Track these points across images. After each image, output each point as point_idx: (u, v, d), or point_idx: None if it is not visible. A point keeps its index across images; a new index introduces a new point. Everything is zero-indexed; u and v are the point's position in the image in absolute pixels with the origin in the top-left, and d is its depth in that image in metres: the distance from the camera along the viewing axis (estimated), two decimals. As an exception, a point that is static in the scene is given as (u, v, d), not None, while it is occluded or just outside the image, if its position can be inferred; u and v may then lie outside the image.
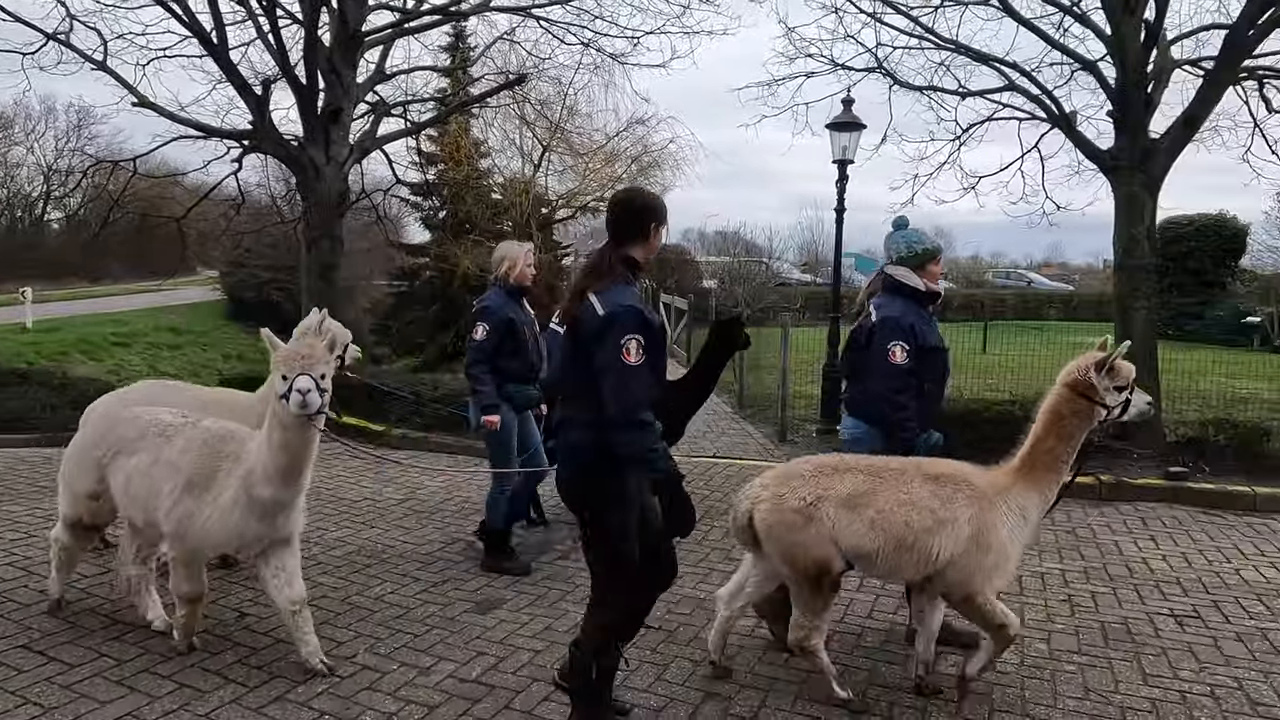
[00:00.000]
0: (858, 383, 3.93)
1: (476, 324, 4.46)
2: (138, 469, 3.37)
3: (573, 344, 2.83)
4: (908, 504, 3.12)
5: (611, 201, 2.96)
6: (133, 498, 3.41)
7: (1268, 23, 6.69)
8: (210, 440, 3.32)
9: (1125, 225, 7.11)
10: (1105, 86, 7.31)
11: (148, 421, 3.48)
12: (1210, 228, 17.90)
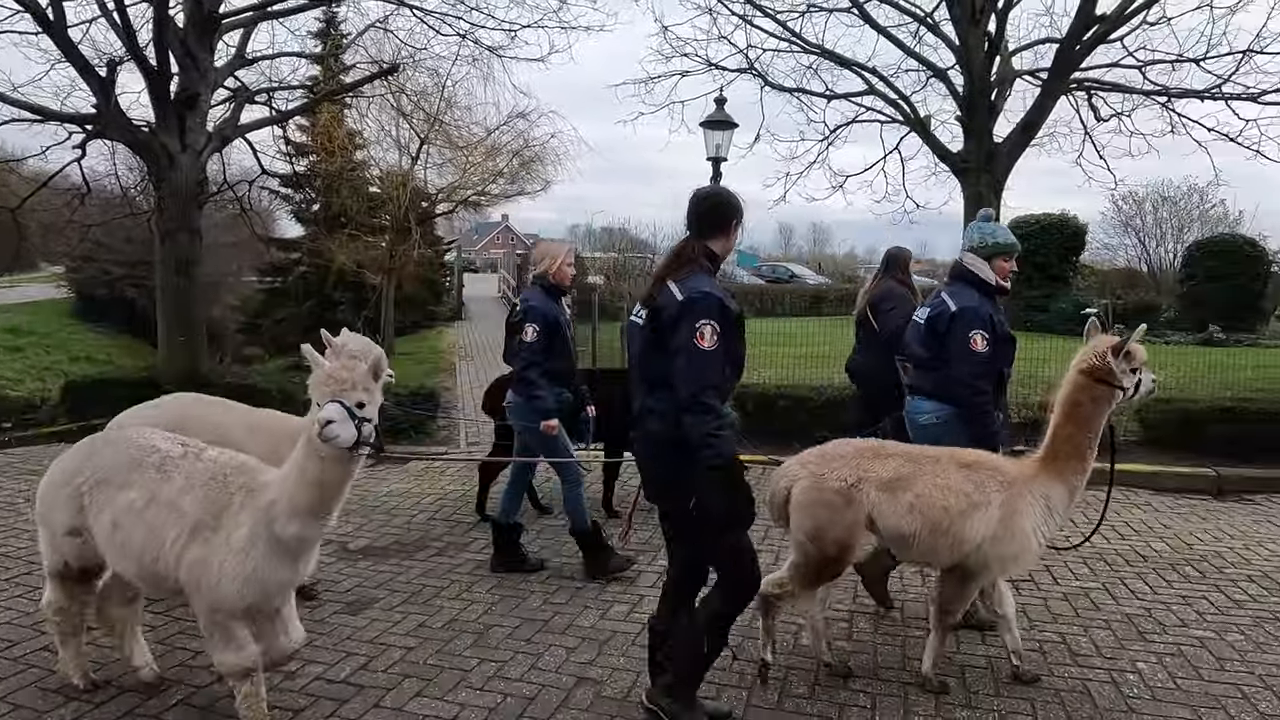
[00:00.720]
0: (935, 369, 3.93)
1: (525, 325, 4.32)
2: (129, 509, 2.80)
3: (653, 331, 2.82)
4: (945, 489, 3.15)
5: (696, 197, 2.99)
6: (122, 546, 2.82)
7: (1092, 39, 7.36)
8: (217, 474, 2.81)
9: (973, 223, 7.65)
10: (955, 93, 7.84)
11: (142, 448, 2.90)
12: (1054, 226, 19.39)
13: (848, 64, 8.46)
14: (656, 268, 2.98)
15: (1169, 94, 8.02)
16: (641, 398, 2.94)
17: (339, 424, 2.54)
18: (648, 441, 2.93)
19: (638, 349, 2.95)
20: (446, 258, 26.25)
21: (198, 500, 2.75)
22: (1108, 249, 30.82)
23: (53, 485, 2.98)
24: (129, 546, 2.79)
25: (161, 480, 2.80)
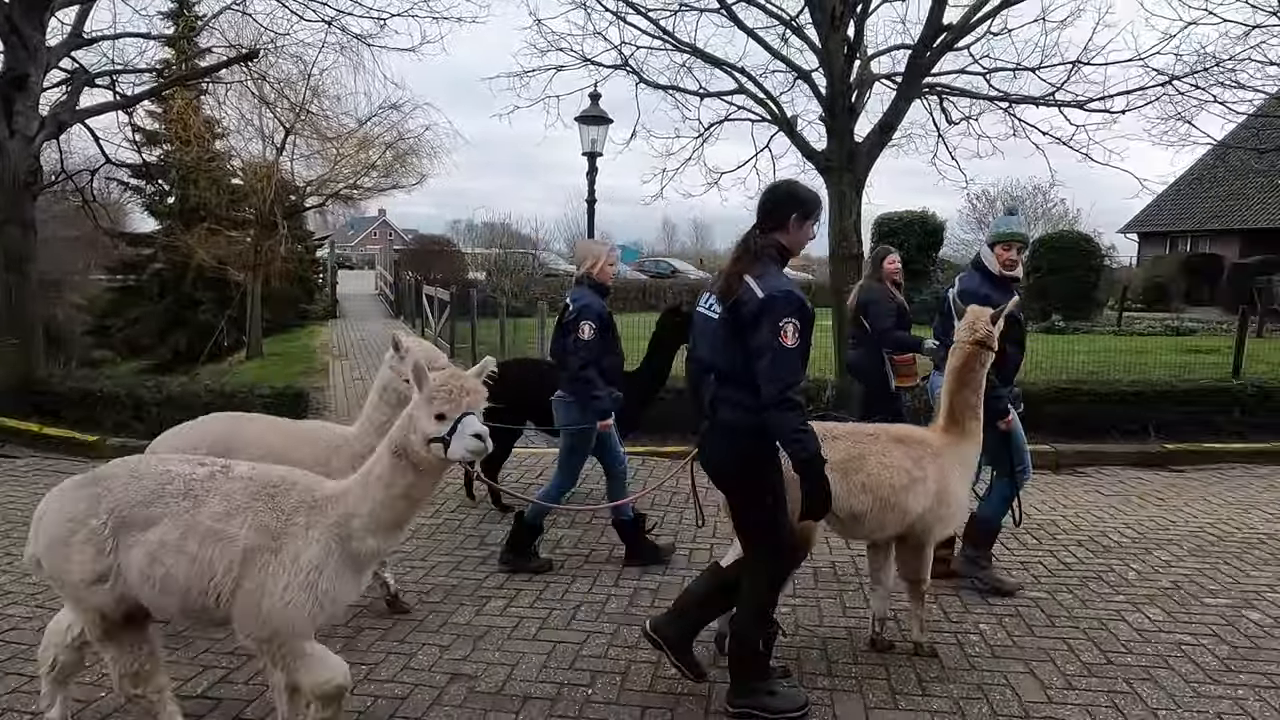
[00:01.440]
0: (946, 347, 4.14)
1: (580, 323, 4.30)
2: (163, 545, 2.50)
3: (732, 325, 2.86)
4: (889, 467, 3.38)
5: (766, 191, 3.06)
6: (162, 583, 2.51)
7: (941, 46, 7.84)
8: (261, 492, 2.58)
9: (837, 220, 8.02)
10: (818, 95, 8.17)
11: (158, 477, 2.61)
12: (915, 222, 20.57)
13: (719, 64, 8.67)
14: (728, 261, 3.01)
15: (1010, 100, 8.64)
16: (712, 388, 2.97)
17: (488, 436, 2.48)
18: (720, 431, 2.97)
19: (709, 340, 2.98)
20: (319, 254, 25.18)
21: (247, 523, 2.51)
22: (964, 244, 32.93)
23: (57, 539, 2.57)
24: (171, 582, 2.51)
25: (194, 507, 2.54)
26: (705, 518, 3.77)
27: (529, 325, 10.73)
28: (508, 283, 22.06)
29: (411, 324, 19.40)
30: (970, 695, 3.23)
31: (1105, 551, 4.95)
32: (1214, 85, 10.32)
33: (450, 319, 13.84)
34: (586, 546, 4.91)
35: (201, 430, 3.65)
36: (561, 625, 3.84)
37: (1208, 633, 3.83)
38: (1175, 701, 3.21)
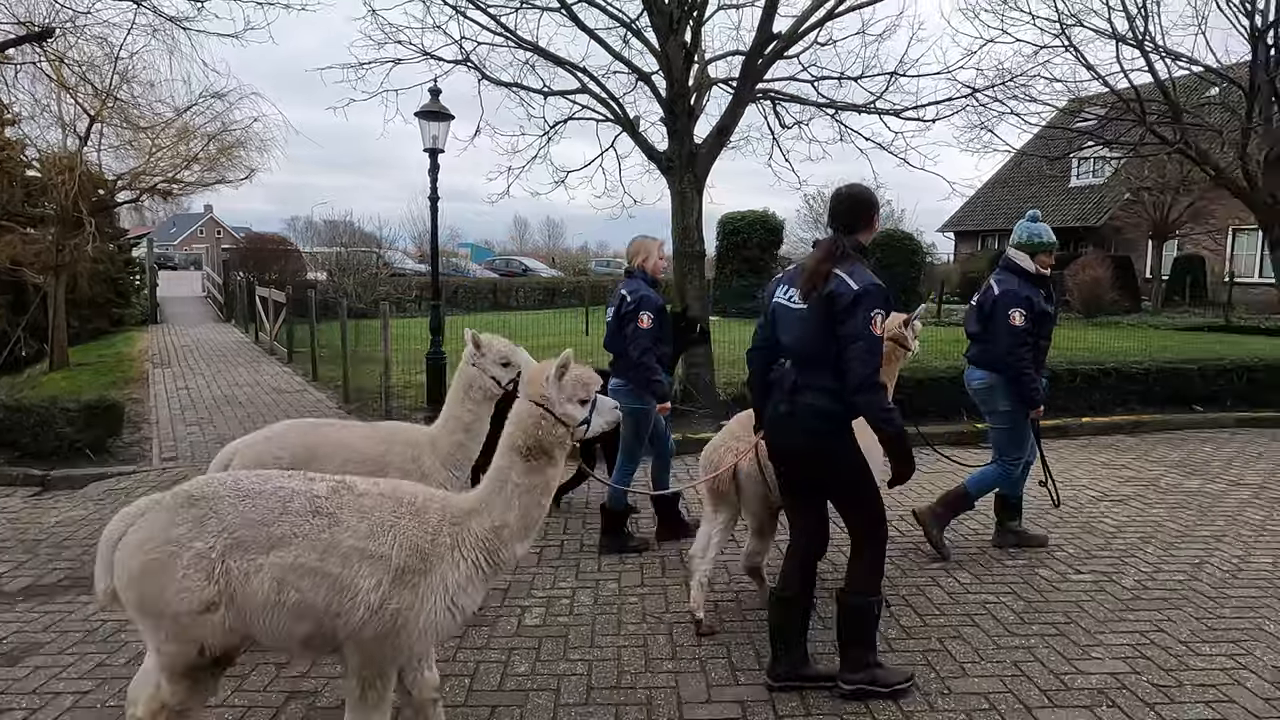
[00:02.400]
0: (980, 342, 4.80)
1: (640, 313, 4.57)
2: (296, 567, 2.32)
3: (823, 315, 3.05)
4: None
5: (836, 197, 3.29)
6: (297, 608, 2.33)
7: (772, 54, 8.23)
8: (403, 508, 2.47)
9: (680, 218, 8.26)
10: (659, 97, 8.38)
11: (276, 495, 2.42)
12: (757, 221, 21.51)
13: (561, 63, 8.70)
14: (811, 260, 3.20)
15: (836, 106, 9.19)
16: (793, 375, 3.19)
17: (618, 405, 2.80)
18: (804, 414, 3.15)
19: (793, 330, 3.18)
20: (135, 253, 23.10)
21: (397, 543, 2.41)
22: (803, 242, 34.69)
23: (152, 566, 2.30)
24: (306, 608, 2.34)
25: (330, 525, 2.39)
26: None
27: (373, 327, 10.35)
28: (350, 283, 21.15)
29: (244, 328, 18.22)
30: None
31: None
32: (1011, 98, 11.42)
33: (287, 322, 13.13)
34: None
35: (280, 439, 3.50)
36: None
37: (1007, 590, 4.28)
38: (979, 655, 3.56)
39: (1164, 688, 3.29)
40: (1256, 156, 11.07)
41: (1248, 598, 4.21)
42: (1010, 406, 4.72)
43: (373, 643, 2.39)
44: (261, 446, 3.45)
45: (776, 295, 3.31)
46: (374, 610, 2.35)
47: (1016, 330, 4.57)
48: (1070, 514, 5.58)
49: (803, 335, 3.15)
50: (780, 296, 3.28)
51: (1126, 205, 26.20)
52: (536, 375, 2.65)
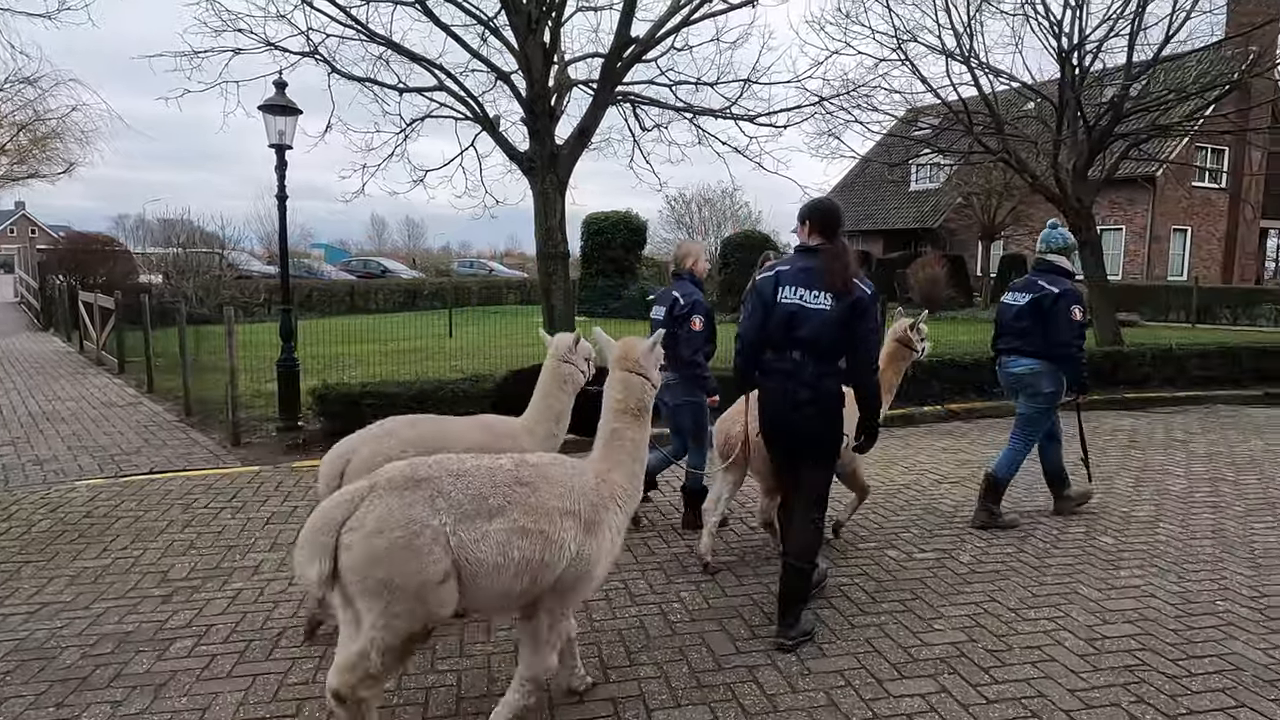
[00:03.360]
0: (1027, 335, 5.31)
1: (693, 316, 4.98)
2: (517, 530, 2.68)
3: (847, 314, 3.57)
4: None
5: (825, 208, 3.80)
6: (519, 566, 2.69)
7: (630, 57, 8.35)
8: (569, 470, 2.92)
9: (543, 219, 8.23)
10: (519, 97, 8.31)
11: (483, 469, 2.76)
12: (621, 222, 21.72)
13: (417, 59, 8.47)
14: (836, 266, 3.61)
15: (694, 111, 9.45)
16: (812, 365, 3.65)
17: None
18: (823, 398, 3.66)
19: (816, 326, 3.61)
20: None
21: (580, 500, 2.85)
22: (666, 242, 35.34)
23: (400, 545, 2.52)
24: (526, 562, 2.70)
25: (533, 491, 2.77)
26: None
27: (217, 333, 9.69)
28: (190, 286, 19.72)
29: (66, 336, 16.63)
30: (672, 659, 3.52)
31: (783, 514, 5.62)
32: (855, 107, 12.08)
33: (116, 329, 12.08)
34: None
35: (394, 435, 3.67)
36: (262, 657, 3.56)
37: (860, 573, 4.53)
38: (835, 635, 3.76)
39: (997, 652, 3.59)
40: (1066, 165, 12.26)
41: (1065, 564, 4.66)
42: (1053, 389, 5.31)
43: (569, 586, 2.85)
44: (375, 444, 3.61)
45: (785, 296, 3.67)
46: (574, 558, 2.80)
47: (1077, 324, 5.20)
48: (914, 497, 5.98)
49: (825, 331, 3.61)
50: (792, 297, 3.65)
51: (959, 209, 28.34)
52: (631, 351, 3.18)
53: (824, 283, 3.61)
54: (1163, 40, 11.49)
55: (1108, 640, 3.71)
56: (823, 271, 3.62)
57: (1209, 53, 12.93)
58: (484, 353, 11.62)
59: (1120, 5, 11.46)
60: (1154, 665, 3.48)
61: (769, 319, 3.71)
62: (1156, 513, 5.68)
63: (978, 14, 12.04)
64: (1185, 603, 4.14)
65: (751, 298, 3.86)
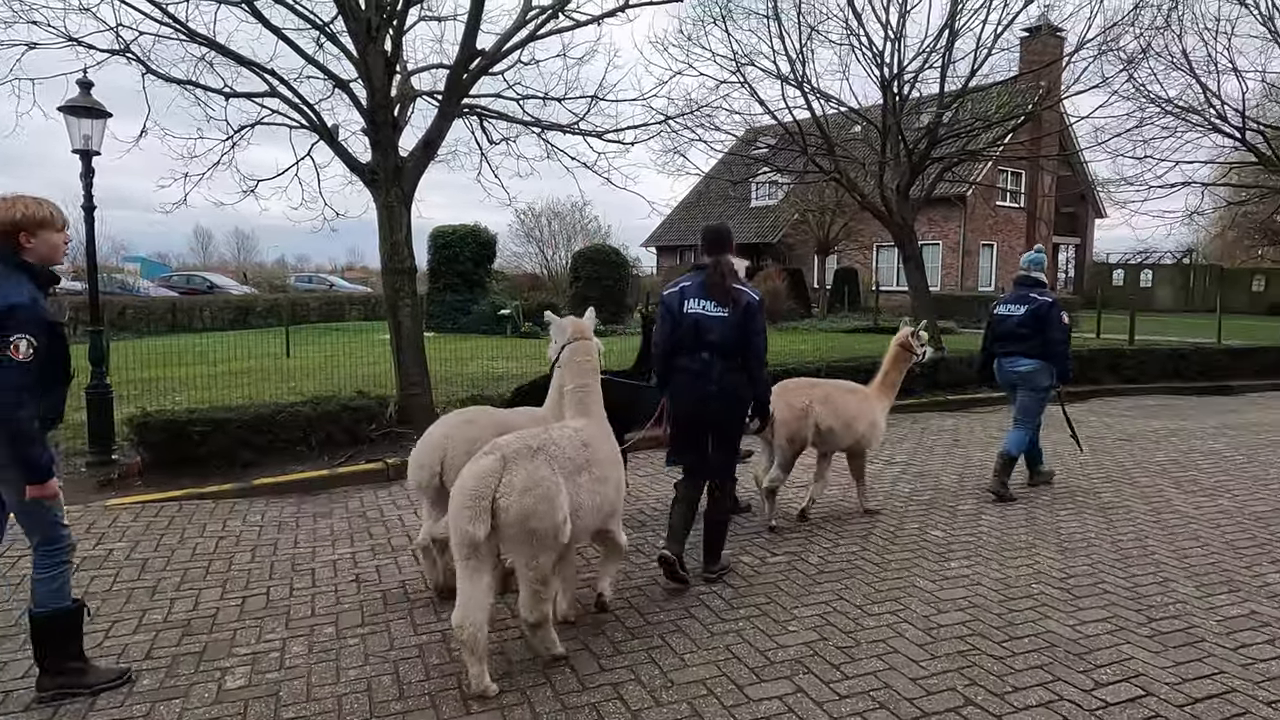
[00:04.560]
0: (1028, 340, 6.40)
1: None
2: (598, 479, 3.64)
3: (740, 318, 4.32)
4: (847, 404, 5.68)
5: (715, 230, 4.61)
6: (601, 505, 3.68)
7: (477, 70, 8.21)
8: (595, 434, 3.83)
9: (388, 233, 7.92)
10: (359, 106, 7.97)
11: (567, 439, 3.60)
12: (469, 235, 21.28)
13: (245, 62, 7.93)
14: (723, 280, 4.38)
15: (542, 126, 9.41)
16: (719, 365, 4.36)
17: None
18: (729, 391, 4.40)
19: (719, 331, 4.34)
20: None
21: (612, 450, 3.87)
22: (516, 256, 35.03)
23: (545, 497, 3.27)
24: (605, 501, 3.70)
25: (593, 451, 3.66)
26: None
27: (10, 358, 8.61)
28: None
29: None
30: (535, 683, 3.45)
31: (641, 527, 5.68)
32: (699, 126, 12.47)
33: None
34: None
35: (483, 420, 4.38)
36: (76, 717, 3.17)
37: (716, 579, 4.64)
38: (696, 644, 3.82)
39: (846, 649, 3.77)
40: (890, 185, 13.20)
41: (903, 560, 4.98)
42: (1049, 382, 6.46)
43: (620, 513, 3.96)
44: (465, 430, 4.26)
45: (689, 307, 4.40)
46: (621, 496, 3.93)
47: (1067, 327, 6.44)
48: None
49: (728, 334, 4.34)
50: (695, 307, 4.39)
51: (796, 225, 29.86)
52: (583, 324, 4.08)
53: (711, 293, 4.36)
54: (969, 74, 12.65)
55: (942, 629, 3.99)
56: (709, 285, 4.38)
57: (1007, 86, 14.36)
58: (325, 372, 11.02)
59: (932, 40, 12.52)
60: (982, 648, 3.77)
61: (678, 328, 4.42)
62: (978, 506, 6.19)
63: (809, 42, 12.80)
64: (1006, 588, 4.53)
65: (661, 311, 4.53)
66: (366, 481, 6.96)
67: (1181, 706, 3.26)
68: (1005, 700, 3.31)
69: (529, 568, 3.31)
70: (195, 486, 6.45)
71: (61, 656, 3.34)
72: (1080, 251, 35.42)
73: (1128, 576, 4.70)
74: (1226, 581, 4.63)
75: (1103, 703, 3.29)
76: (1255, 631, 3.96)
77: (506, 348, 15.06)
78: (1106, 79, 12.97)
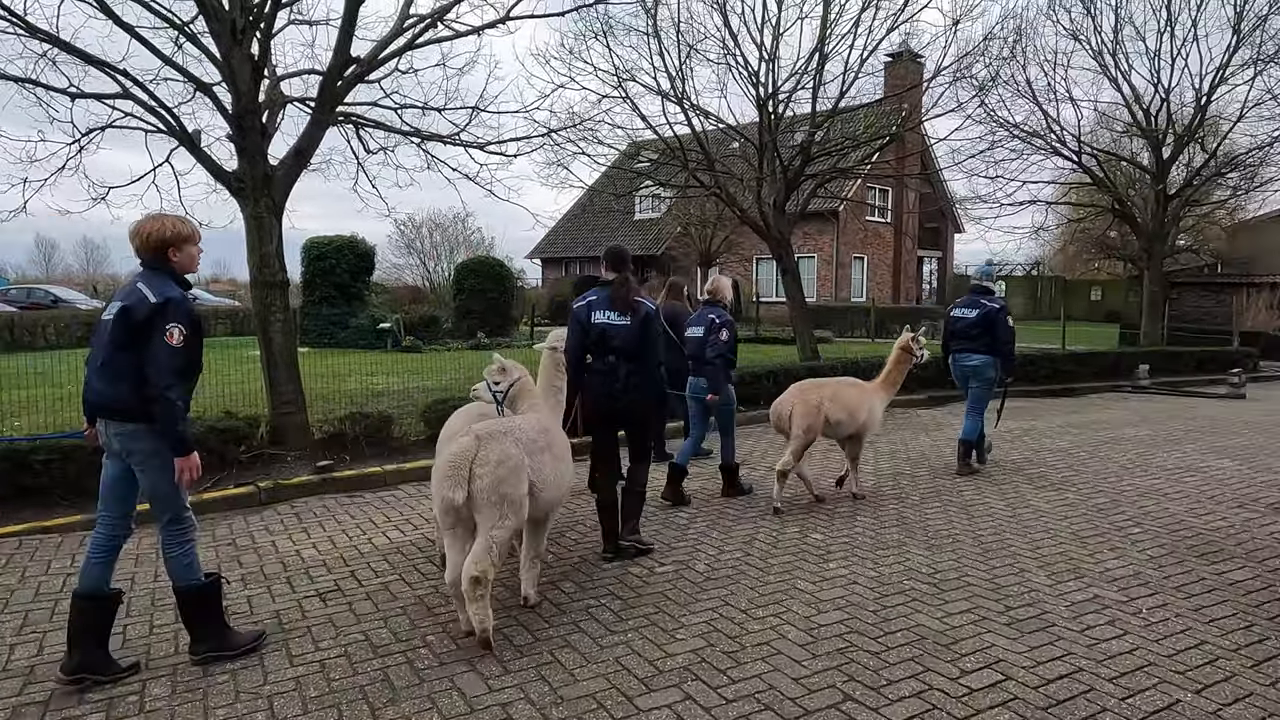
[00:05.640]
0: (979, 339, 7.56)
1: (722, 329, 6.64)
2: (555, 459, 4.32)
3: (640, 325, 5.03)
4: (851, 397, 6.54)
5: (615, 251, 5.25)
6: (558, 479, 4.33)
7: (352, 77, 7.96)
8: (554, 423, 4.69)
9: (257, 245, 7.55)
10: (224, 111, 7.57)
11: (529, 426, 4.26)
12: (346, 247, 20.51)
13: (94, 61, 7.36)
14: (625, 294, 5.07)
15: (421, 136, 9.20)
16: (627, 368, 5.03)
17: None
18: (636, 391, 5.06)
19: (624, 337, 5.01)
20: None
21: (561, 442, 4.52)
22: (396, 268, 34.04)
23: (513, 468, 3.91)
24: (560, 476, 4.37)
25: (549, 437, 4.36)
26: None
27: None
28: None
29: None
30: (421, 709, 3.35)
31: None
32: (581, 139, 12.54)
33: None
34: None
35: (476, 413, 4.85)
36: None
37: (606, 592, 4.66)
38: (586, 658, 3.82)
39: (732, 653, 3.86)
40: (767, 200, 13.67)
41: (785, 563, 5.14)
42: (995, 375, 7.63)
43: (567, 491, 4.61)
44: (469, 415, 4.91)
45: (595, 318, 5.06)
46: (569, 475, 4.52)
47: (1012, 329, 7.59)
48: (653, 513, 6.26)
49: (629, 340, 5.02)
50: (601, 318, 5.05)
51: (679, 237, 30.41)
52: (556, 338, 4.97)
53: (615, 305, 5.04)
54: (839, 95, 13.28)
55: (822, 628, 4.15)
56: (613, 297, 5.06)
57: (873, 108, 15.16)
58: (189, 392, 10.33)
59: (804, 62, 13.08)
60: (859, 645, 3.95)
61: (587, 336, 5.08)
62: (854, 507, 6.48)
63: (688, 60, 13.10)
64: (880, 585, 4.76)
65: (572, 322, 5.12)
66: (236, 507, 6.58)
67: (1036, 688, 3.51)
68: (881, 693, 3.47)
69: (489, 532, 3.78)
70: (38, 520, 5.92)
71: (205, 624, 3.86)
72: (942, 264, 37.72)
73: (988, 569, 5.04)
74: (1074, 569, 5.03)
75: (968, 689, 3.50)
76: (1098, 614, 4.32)
77: (387, 363, 14.56)
78: (961, 104, 13.93)
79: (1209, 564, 5.13)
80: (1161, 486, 7.18)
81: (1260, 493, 6.99)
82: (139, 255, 3.69)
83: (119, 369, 3.53)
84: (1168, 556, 5.27)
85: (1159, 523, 6.05)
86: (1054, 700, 3.41)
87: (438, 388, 10.95)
